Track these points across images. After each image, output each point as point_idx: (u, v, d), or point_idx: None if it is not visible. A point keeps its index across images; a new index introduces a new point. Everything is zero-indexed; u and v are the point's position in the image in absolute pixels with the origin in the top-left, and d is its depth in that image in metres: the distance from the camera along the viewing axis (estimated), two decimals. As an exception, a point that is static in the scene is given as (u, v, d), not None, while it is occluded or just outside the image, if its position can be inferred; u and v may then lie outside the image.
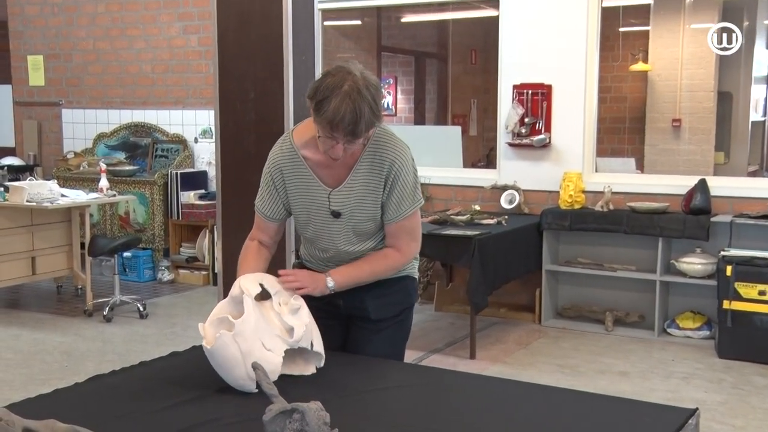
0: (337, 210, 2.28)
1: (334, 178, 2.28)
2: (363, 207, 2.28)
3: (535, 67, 5.85)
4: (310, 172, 2.29)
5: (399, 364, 2.41)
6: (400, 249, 2.34)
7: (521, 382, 2.35)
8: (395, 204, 2.27)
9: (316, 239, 2.38)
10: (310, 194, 2.31)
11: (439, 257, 5.49)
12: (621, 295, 5.66)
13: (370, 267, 2.33)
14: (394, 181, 2.25)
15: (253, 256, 2.38)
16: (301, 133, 2.31)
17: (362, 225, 2.31)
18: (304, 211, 2.34)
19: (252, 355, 1.99)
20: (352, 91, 2.06)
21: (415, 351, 5.01)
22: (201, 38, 7.22)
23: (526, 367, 4.77)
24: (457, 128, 7.36)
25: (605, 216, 5.47)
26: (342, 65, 2.13)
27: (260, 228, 2.42)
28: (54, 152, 8.10)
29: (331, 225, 2.32)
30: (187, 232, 7.12)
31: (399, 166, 2.24)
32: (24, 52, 8.14)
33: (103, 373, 2.18)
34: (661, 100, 8.26)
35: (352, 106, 2.04)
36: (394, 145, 2.26)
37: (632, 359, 4.94)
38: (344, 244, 2.34)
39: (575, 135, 5.80)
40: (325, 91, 2.07)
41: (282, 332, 2.09)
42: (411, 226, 2.34)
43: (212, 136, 7.02)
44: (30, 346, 5.14)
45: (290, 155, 2.31)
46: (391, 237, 2.33)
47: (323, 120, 2.07)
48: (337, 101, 2.04)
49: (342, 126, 2.06)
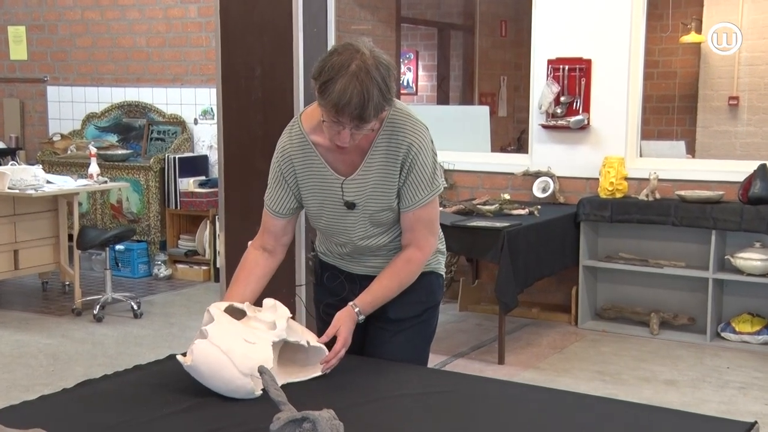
0: (350, 201, 2.29)
1: (347, 164, 2.28)
2: (379, 195, 2.28)
3: (573, 40, 5.82)
4: (322, 160, 2.30)
5: (420, 368, 2.42)
6: (419, 246, 2.34)
7: (555, 390, 2.35)
8: (412, 190, 2.28)
9: (329, 233, 2.40)
10: (321, 185, 2.31)
11: (464, 251, 5.49)
12: (668, 294, 5.64)
13: (396, 280, 2.34)
14: (412, 165, 2.25)
15: (245, 276, 2.36)
16: (311, 116, 2.32)
17: (379, 215, 2.31)
18: (316, 203, 2.35)
19: (235, 351, 2.01)
20: (360, 71, 2.04)
21: (437, 355, 5.02)
22: (201, 8, 7.24)
23: (560, 374, 4.76)
24: (484, 108, 7.34)
25: (650, 206, 5.45)
26: (350, 42, 2.12)
27: (267, 228, 2.42)
28: (38, 134, 8.17)
29: (345, 217, 2.33)
30: (186, 223, 7.16)
31: (417, 149, 2.24)
32: (4, 23, 8.21)
33: (94, 378, 2.20)
34: (716, 75, 8.19)
35: (360, 88, 2.03)
36: (412, 126, 2.26)
37: (681, 366, 4.92)
38: (361, 237, 2.35)
39: (617, 115, 5.77)
40: (330, 71, 2.06)
41: (263, 328, 2.12)
42: (429, 217, 2.34)
43: (214, 116, 7.05)
44: (12, 348, 5.20)
45: (300, 142, 2.31)
46: (408, 231, 2.33)
47: (328, 103, 2.07)
48: (343, 82, 2.03)
49: (348, 110, 2.05)
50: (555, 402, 2.11)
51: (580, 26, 5.81)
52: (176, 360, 2.09)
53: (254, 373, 1.98)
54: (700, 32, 8.11)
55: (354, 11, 7.29)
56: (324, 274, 2.51)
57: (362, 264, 2.43)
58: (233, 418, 1.90)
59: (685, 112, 8.60)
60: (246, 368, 1.99)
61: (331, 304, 2.43)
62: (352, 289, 2.41)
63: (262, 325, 2.13)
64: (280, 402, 1.73)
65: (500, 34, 9.65)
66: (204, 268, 6.99)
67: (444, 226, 5.21)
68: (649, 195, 5.50)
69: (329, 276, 2.49)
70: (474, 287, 6.19)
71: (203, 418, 1.92)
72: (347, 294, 2.40)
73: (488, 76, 9.56)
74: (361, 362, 2.32)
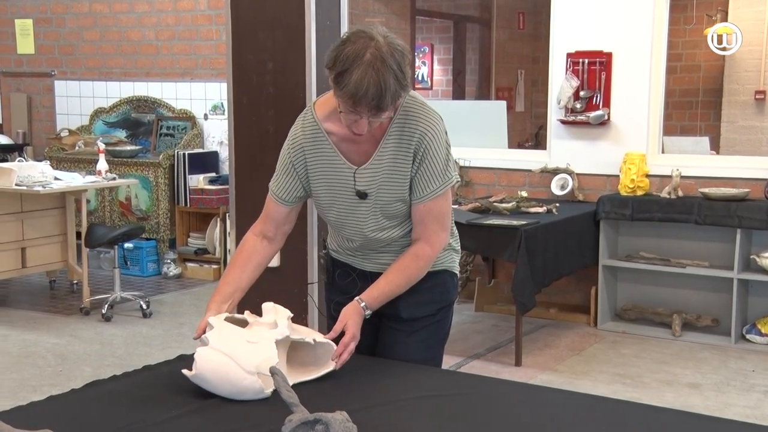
0: (362, 190, 2.30)
1: (360, 153, 2.30)
2: (391, 186, 2.29)
3: (593, 32, 5.80)
4: (334, 149, 2.31)
5: (434, 370, 2.42)
6: (429, 241, 2.34)
7: (574, 393, 2.35)
8: (424, 181, 2.28)
9: (339, 226, 2.40)
10: (333, 174, 2.32)
11: (481, 250, 5.49)
12: (691, 295, 5.61)
13: (404, 276, 2.34)
14: (424, 155, 2.26)
15: (243, 262, 2.38)
16: (324, 104, 2.33)
17: (391, 206, 2.32)
18: (326, 193, 2.36)
19: (238, 352, 2.03)
20: (375, 59, 2.06)
21: (452, 356, 5.02)
22: (211, 0, 7.26)
23: (579, 376, 4.75)
24: (501, 103, 7.33)
25: (673, 204, 5.42)
26: (362, 29, 2.13)
27: (269, 215, 2.43)
28: (46, 129, 8.22)
29: (356, 207, 2.33)
30: (196, 221, 7.19)
31: (430, 138, 2.25)
32: (11, 16, 8.26)
33: (102, 379, 2.22)
34: (742, 68, 8.13)
35: (376, 78, 2.05)
36: (425, 114, 2.27)
37: (704, 369, 4.90)
38: (372, 229, 2.35)
39: (639, 110, 5.75)
40: (345, 62, 2.07)
41: (265, 329, 2.14)
42: (440, 211, 2.34)
43: (224, 112, 7.08)
44: (20, 348, 5.24)
45: (312, 131, 2.33)
46: (419, 224, 2.33)
47: (345, 94, 2.09)
48: (359, 73, 2.05)
49: (365, 100, 2.07)
50: (574, 405, 2.11)
51: (600, 18, 5.79)
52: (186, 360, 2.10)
53: (260, 371, 1.99)
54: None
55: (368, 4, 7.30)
56: (336, 271, 2.52)
57: (374, 261, 2.43)
58: (245, 420, 1.91)
59: (709, 107, 8.55)
60: (251, 367, 2.00)
61: (342, 302, 2.44)
62: (364, 286, 2.41)
63: (264, 327, 2.15)
64: (292, 404, 1.74)
65: (518, 27, 9.63)
66: (214, 267, 7.01)
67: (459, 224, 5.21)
68: (671, 192, 5.47)
69: (341, 273, 2.50)
70: (490, 287, 6.18)
71: (214, 419, 1.93)
72: (359, 292, 2.40)
73: (505, 70, 9.54)
74: (375, 363, 2.33)
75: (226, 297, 2.33)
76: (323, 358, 2.20)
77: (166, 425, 1.90)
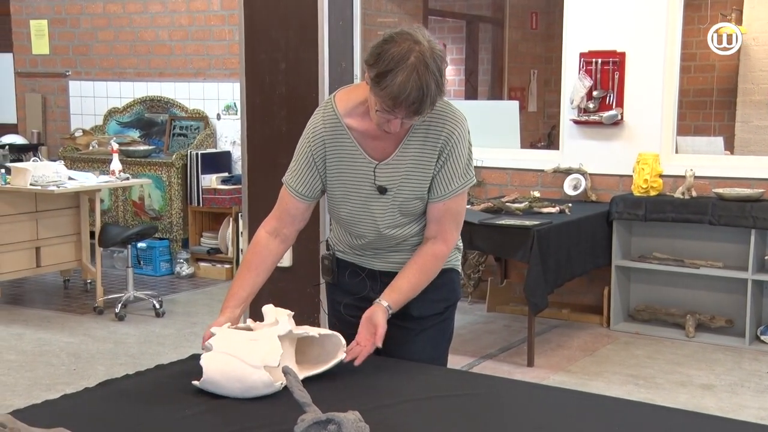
0: (383, 185, 2.30)
1: (379, 150, 2.30)
2: (412, 183, 2.29)
3: (606, 32, 5.78)
4: (355, 144, 2.31)
5: (446, 370, 2.42)
6: (444, 239, 2.34)
7: (587, 394, 2.34)
8: (446, 180, 2.29)
9: (351, 222, 2.38)
10: (352, 168, 2.32)
11: (493, 250, 5.48)
12: (705, 295, 5.59)
13: (425, 276, 2.34)
14: (449, 155, 2.27)
15: (258, 264, 2.36)
16: (345, 99, 2.33)
17: (409, 203, 2.32)
18: (342, 188, 2.35)
19: (242, 350, 2.04)
20: (420, 64, 2.05)
21: (464, 356, 5.02)
22: (224, 1, 7.28)
23: (592, 377, 4.74)
24: (514, 103, 7.31)
25: (687, 204, 5.40)
26: (406, 31, 2.12)
27: (286, 210, 2.39)
28: (60, 129, 8.26)
29: (373, 203, 2.33)
30: (209, 221, 7.21)
31: (456, 139, 2.27)
32: (26, 16, 8.30)
33: (116, 378, 2.23)
34: (756, 68, 8.08)
35: (419, 83, 2.05)
36: (452, 115, 2.29)
37: (718, 370, 4.88)
38: (387, 225, 2.34)
39: (652, 110, 5.73)
40: (390, 63, 2.06)
41: (266, 327, 2.15)
42: (457, 210, 2.35)
43: (237, 112, 7.09)
44: (34, 346, 5.27)
45: (333, 124, 2.32)
46: (435, 222, 2.33)
47: (386, 95, 2.08)
48: (403, 76, 2.04)
49: (406, 103, 2.07)
50: (586, 406, 2.10)
51: (613, 18, 5.77)
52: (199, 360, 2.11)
53: (266, 363, 2.00)
54: (740, 23, 8.02)
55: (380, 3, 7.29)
56: (343, 272, 2.49)
57: (384, 260, 2.42)
58: (257, 420, 1.92)
59: (723, 107, 8.51)
60: (256, 361, 2.01)
61: (352, 304, 2.44)
62: (373, 286, 2.40)
63: (265, 326, 2.16)
64: (304, 403, 1.74)
65: (531, 27, 9.61)
66: (227, 267, 7.03)
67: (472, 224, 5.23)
68: (685, 193, 5.45)
69: (350, 273, 2.48)
70: (502, 287, 6.17)
71: (226, 419, 1.93)
72: (368, 292, 2.39)
73: (518, 69, 9.52)
74: (386, 363, 2.33)
75: (239, 301, 2.32)
76: (331, 350, 2.20)
77: (179, 424, 1.91)
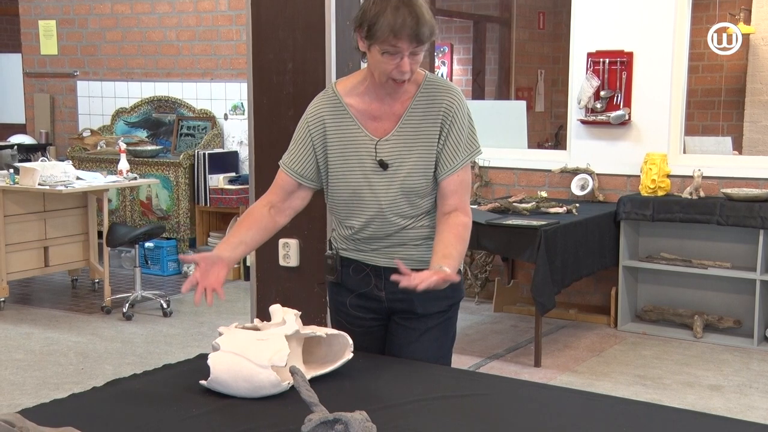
0: (384, 160, 2.32)
1: (380, 130, 2.34)
2: (413, 158, 2.32)
3: (614, 32, 5.77)
4: (355, 121, 2.35)
5: (453, 370, 2.42)
6: (465, 210, 2.36)
7: (594, 394, 2.34)
8: (452, 151, 2.33)
9: (354, 202, 2.36)
10: (353, 145, 2.34)
11: (500, 251, 5.47)
12: (712, 296, 5.57)
13: (464, 242, 2.32)
14: (451, 127, 2.33)
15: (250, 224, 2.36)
16: (344, 82, 2.41)
17: (411, 180, 2.32)
18: (343, 166, 2.35)
19: (249, 349, 2.04)
20: (401, 3, 2.18)
21: (471, 356, 5.02)
22: (232, 1, 7.29)
23: (599, 378, 4.73)
24: (521, 103, 7.31)
25: (694, 204, 5.39)
26: None
27: (278, 185, 2.41)
28: (68, 129, 8.29)
29: (375, 180, 2.33)
30: (216, 220, 7.23)
31: (455, 110, 2.33)
32: (35, 17, 8.33)
33: (123, 377, 2.23)
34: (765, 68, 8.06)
35: (411, 10, 2.17)
36: (448, 87, 2.37)
37: (726, 371, 4.86)
38: (390, 203, 2.33)
39: (660, 110, 5.71)
40: (374, 11, 2.18)
41: (273, 327, 2.15)
42: (468, 180, 2.40)
43: (244, 112, 7.10)
44: (42, 346, 5.29)
45: (333, 104, 2.37)
46: (452, 195, 2.33)
47: (383, 32, 2.17)
48: (391, 11, 2.16)
49: (405, 30, 2.16)
50: (594, 406, 2.10)
51: (621, 17, 5.76)
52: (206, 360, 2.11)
53: (273, 363, 2.00)
54: (749, 23, 8.00)
55: (387, 4, 7.31)
56: (347, 269, 2.48)
57: (387, 255, 2.40)
58: (264, 419, 1.92)
59: (731, 107, 8.48)
60: (264, 361, 2.02)
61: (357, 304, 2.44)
62: (377, 283, 2.40)
63: (272, 326, 2.16)
64: (312, 403, 1.74)
65: (538, 27, 9.60)
66: (234, 266, 7.03)
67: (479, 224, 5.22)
68: (693, 193, 5.44)
69: (354, 268, 2.46)
70: (509, 287, 6.17)
71: (234, 418, 1.94)
72: (372, 288, 2.39)
73: (525, 69, 9.52)
74: (393, 363, 2.33)
75: (230, 246, 2.34)
76: (338, 350, 2.21)
77: (186, 423, 1.91)
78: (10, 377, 4.69)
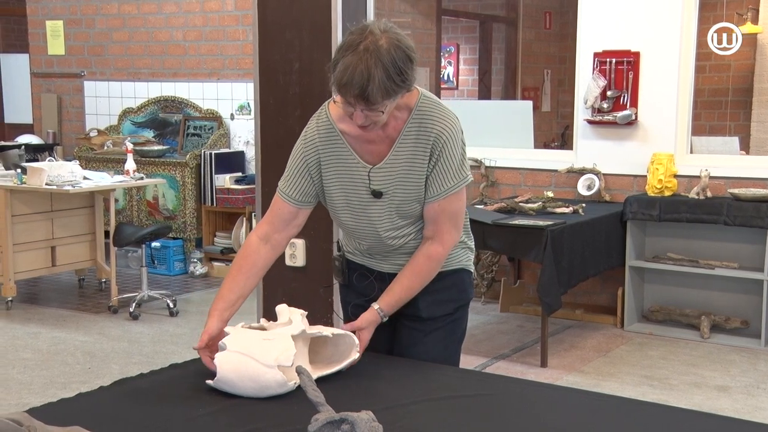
0: (377, 189, 2.30)
1: (374, 154, 2.30)
2: (407, 185, 2.30)
3: (621, 32, 5.76)
4: (349, 149, 2.32)
5: (459, 370, 2.42)
6: (441, 240, 2.33)
7: (600, 394, 2.34)
8: (439, 179, 2.28)
9: (354, 227, 2.39)
10: (347, 173, 2.33)
11: (506, 251, 5.47)
12: (720, 296, 5.56)
13: (418, 279, 2.35)
14: (440, 154, 2.27)
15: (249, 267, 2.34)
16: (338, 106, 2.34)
17: (406, 206, 2.32)
18: (340, 194, 2.35)
19: (255, 349, 2.05)
20: (366, 52, 2.07)
21: (478, 357, 5.01)
22: (238, 1, 7.30)
23: (605, 378, 4.73)
24: (527, 103, 7.30)
25: (701, 204, 5.37)
26: (366, 24, 2.16)
27: (276, 214, 2.39)
28: (75, 129, 8.31)
29: (370, 207, 2.33)
30: (223, 220, 7.23)
31: (446, 138, 2.26)
32: (42, 17, 8.35)
33: (130, 377, 2.24)
34: (773, 68, 8.03)
35: (362, 67, 2.05)
36: (441, 114, 2.28)
37: (733, 372, 4.85)
38: (386, 228, 2.34)
39: (667, 110, 5.70)
40: (340, 51, 2.11)
41: (280, 327, 2.15)
42: (454, 210, 2.33)
43: (251, 112, 7.11)
44: (50, 345, 5.30)
45: (327, 131, 2.34)
46: (432, 223, 2.33)
47: (334, 82, 2.12)
48: (346, 61, 2.07)
49: (350, 88, 2.08)
50: (600, 407, 2.09)
51: (628, 17, 5.75)
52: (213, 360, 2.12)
53: (280, 363, 2.01)
54: (756, 23, 7.97)
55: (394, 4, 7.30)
56: (353, 274, 2.51)
57: (390, 262, 2.42)
58: (271, 419, 1.92)
59: (739, 107, 8.46)
60: (270, 360, 2.02)
61: (360, 305, 2.44)
62: (382, 288, 2.40)
63: (279, 326, 2.17)
64: (318, 403, 1.74)
65: (544, 27, 9.59)
66: (240, 266, 7.03)
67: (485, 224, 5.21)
68: (699, 193, 5.42)
69: (358, 275, 2.49)
70: (516, 288, 6.16)
71: (240, 418, 1.94)
72: (377, 294, 2.40)
73: (531, 69, 9.50)
74: (399, 363, 2.33)
75: (228, 304, 2.31)
76: (344, 350, 2.21)
77: (193, 423, 1.92)
78: (18, 376, 4.71)
